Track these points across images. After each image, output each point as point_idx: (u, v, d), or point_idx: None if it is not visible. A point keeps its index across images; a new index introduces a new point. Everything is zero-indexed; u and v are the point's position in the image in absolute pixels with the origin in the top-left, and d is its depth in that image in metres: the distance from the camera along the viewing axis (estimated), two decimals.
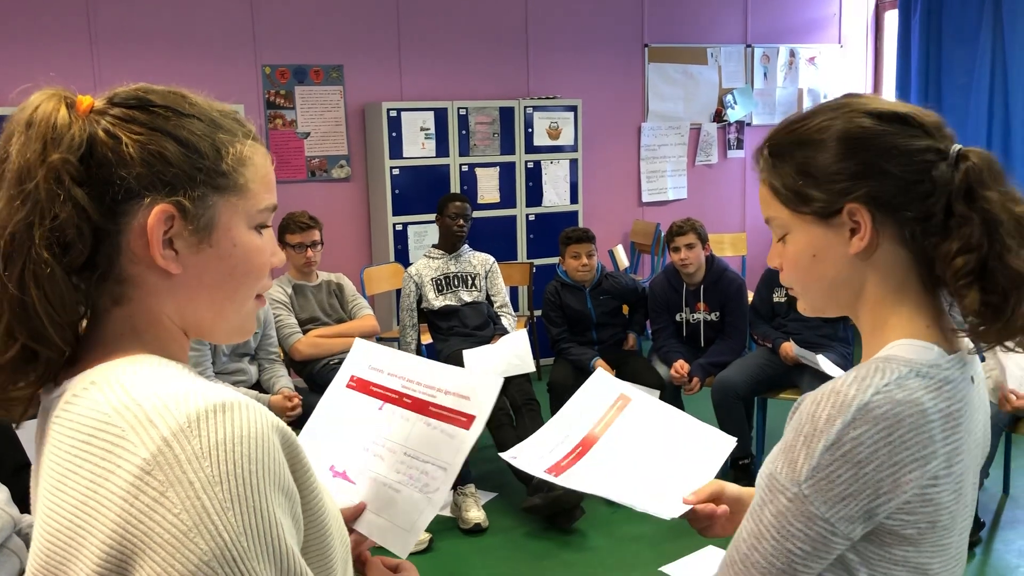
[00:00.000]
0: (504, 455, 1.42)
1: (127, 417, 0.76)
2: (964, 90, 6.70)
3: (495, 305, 4.62)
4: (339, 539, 0.89)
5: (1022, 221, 1.02)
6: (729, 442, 1.50)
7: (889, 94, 7.42)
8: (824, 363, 3.94)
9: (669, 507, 1.33)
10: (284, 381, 3.89)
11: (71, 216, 0.79)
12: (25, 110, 0.84)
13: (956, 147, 1.05)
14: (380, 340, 4.65)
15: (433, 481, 1.26)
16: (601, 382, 1.57)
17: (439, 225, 4.60)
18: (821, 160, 1.06)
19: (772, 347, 4.27)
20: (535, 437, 1.46)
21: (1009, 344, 1.04)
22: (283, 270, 4.19)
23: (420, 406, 1.32)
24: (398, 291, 5.47)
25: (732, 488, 1.35)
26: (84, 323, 0.87)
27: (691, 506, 1.32)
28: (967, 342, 1.08)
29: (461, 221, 4.51)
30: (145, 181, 0.83)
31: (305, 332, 4.11)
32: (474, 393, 1.29)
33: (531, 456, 1.42)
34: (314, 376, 4.05)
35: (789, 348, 4.15)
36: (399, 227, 5.84)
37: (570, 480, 1.39)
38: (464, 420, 1.28)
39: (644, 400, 1.56)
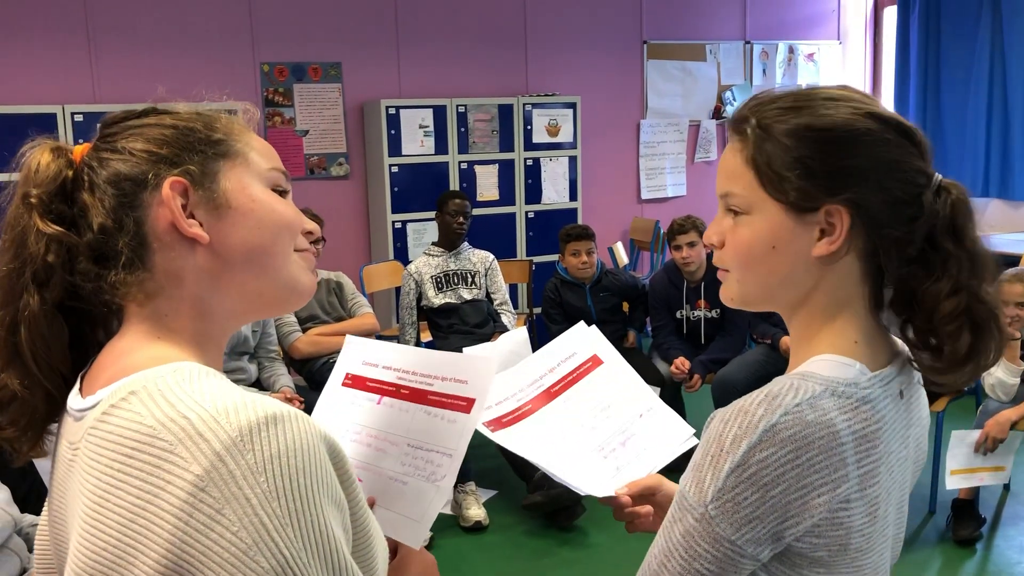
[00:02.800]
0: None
1: (175, 431, 0.73)
2: (963, 86, 6.69)
3: (495, 303, 4.62)
4: (380, 547, 0.89)
5: (990, 259, 0.99)
6: (690, 437, 1.43)
7: (888, 90, 7.42)
8: None
9: (598, 486, 1.29)
10: (284, 380, 3.89)
11: (40, 245, 0.83)
12: (21, 167, 0.88)
13: (938, 177, 1.00)
14: (380, 338, 4.65)
15: (439, 469, 1.24)
16: (579, 337, 1.51)
17: (439, 223, 4.60)
18: (813, 149, 0.97)
19: (771, 343, 4.27)
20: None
21: (965, 384, 1.01)
22: None
23: (418, 395, 1.30)
24: (397, 289, 5.46)
25: (670, 486, 1.29)
26: (113, 324, 0.89)
27: (615, 494, 1.28)
28: (900, 351, 1.05)
29: (461, 219, 4.50)
30: (147, 166, 0.85)
31: (304, 330, 4.10)
32: (471, 376, 1.26)
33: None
34: (314, 374, 4.05)
35: (788, 342, 4.15)
36: (398, 225, 5.83)
37: (503, 438, 1.36)
38: (464, 404, 1.25)
39: (616, 367, 1.50)
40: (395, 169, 5.77)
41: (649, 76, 6.83)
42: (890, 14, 7.38)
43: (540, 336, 4.90)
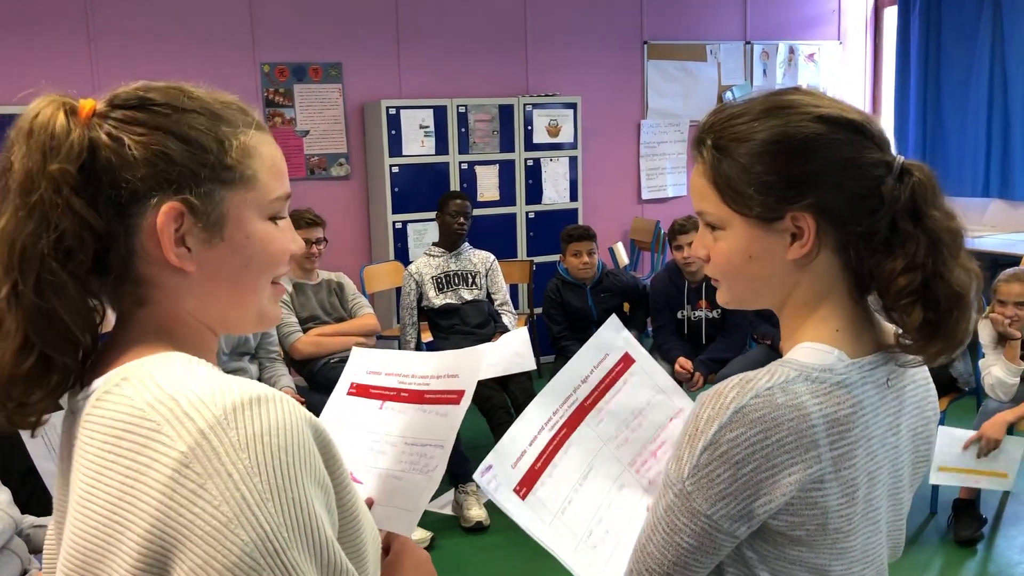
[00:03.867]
0: (476, 476, 1.33)
1: (162, 411, 0.75)
2: (963, 86, 6.69)
3: (495, 303, 4.62)
4: (370, 532, 0.89)
5: (958, 237, 1.02)
6: None
7: (888, 90, 7.42)
8: None
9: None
10: (285, 380, 3.89)
11: (72, 226, 0.79)
12: (25, 119, 0.83)
13: (900, 159, 1.03)
14: (380, 339, 4.65)
15: (431, 460, 1.29)
16: (610, 336, 1.52)
17: (439, 223, 4.59)
18: (767, 163, 1.01)
19: (772, 344, 4.27)
20: (518, 427, 1.38)
21: (943, 359, 1.03)
22: None
23: (416, 397, 1.36)
24: (398, 289, 5.46)
25: None
26: (107, 325, 0.87)
27: None
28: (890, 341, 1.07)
29: (462, 219, 4.50)
30: (150, 182, 0.82)
31: (305, 331, 4.10)
32: (460, 369, 1.33)
33: (506, 457, 1.34)
34: (315, 375, 4.05)
35: None
36: (399, 225, 5.83)
37: (527, 516, 1.35)
38: (455, 396, 1.31)
39: (647, 366, 1.51)
40: (395, 169, 5.76)
41: (649, 76, 6.83)
42: (890, 14, 7.38)
43: (540, 336, 4.90)
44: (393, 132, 5.73)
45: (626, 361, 1.53)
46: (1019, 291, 3.65)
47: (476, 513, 3.83)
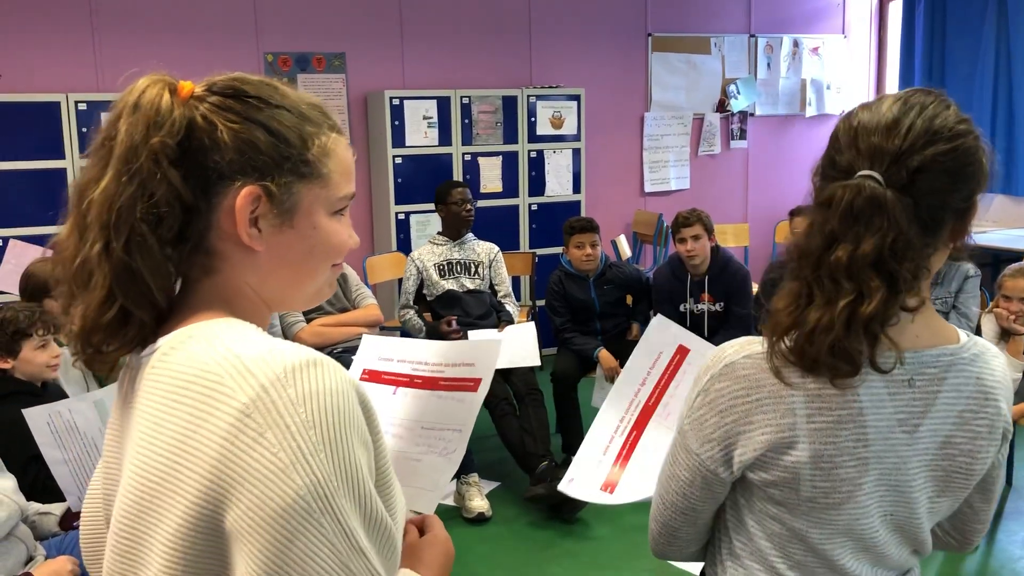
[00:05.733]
0: (561, 487, 1.58)
1: (225, 366, 0.82)
2: (968, 81, 6.68)
3: (498, 294, 4.62)
4: (399, 497, 0.95)
5: None
6: None
7: (892, 85, 7.40)
8: None
9: None
10: None
11: (165, 194, 0.87)
12: (132, 93, 0.90)
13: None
14: (383, 329, 4.65)
15: (450, 443, 1.37)
16: (660, 333, 1.67)
17: (442, 214, 4.57)
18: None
19: None
20: (589, 440, 1.57)
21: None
22: None
23: (430, 383, 1.43)
24: (400, 280, 5.46)
25: None
26: (176, 290, 0.95)
27: None
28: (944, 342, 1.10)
29: (468, 206, 4.49)
30: (236, 166, 0.90)
31: (308, 321, 4.10)
32: (477, 358, 1.40)
33: (585, 469, 1.52)
34: None
35: None
36: (401, 216, 5.82)
37: (625, 495, 1.52)
38: (471, 384, 1.39)
39: (702, 351, 1.64)
40: (399, 160, 5.76)
41: (653, 69, 6.81)
42: (895, 8, 7.37)
43: (543, 327, 4.90)
44: (396, 123, 5.72)
45: (681, 352, 1.66)
46: (1023, 287, 3.65)
47: (478, 504, 3.84)
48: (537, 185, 6.18)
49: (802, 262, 1.05)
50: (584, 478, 1.54)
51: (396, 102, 5.70)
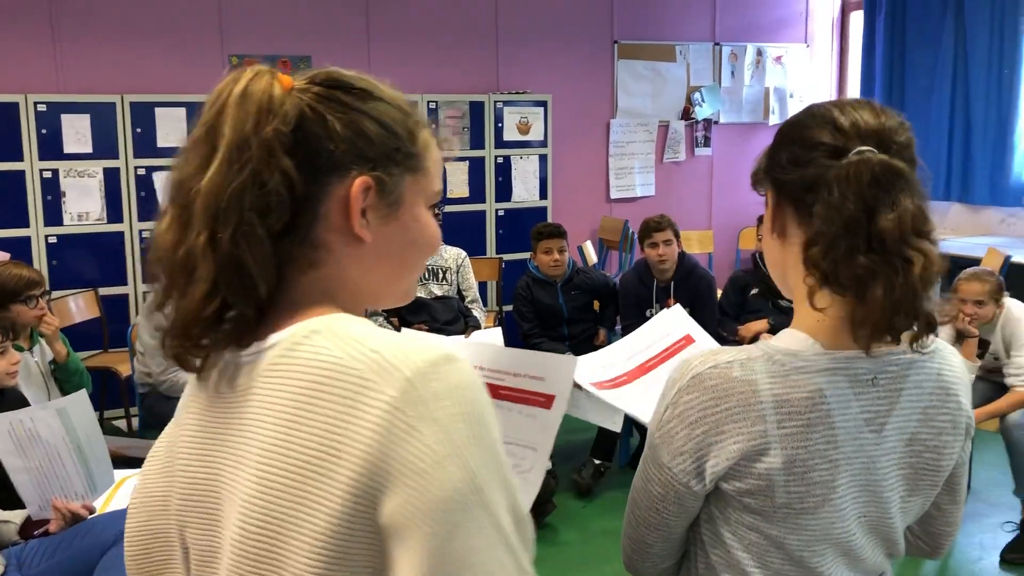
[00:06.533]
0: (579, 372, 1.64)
1: (366, 362, 0.80)
2: (927, 91, 6.80)
3: (466, 300, 4.61)
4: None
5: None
6: None
7: (854, 93, 7.52)
8: None
9: None
10: None
11: (277, 184, 0.85)
12: (238, 84, 0.88)
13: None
14: None
15: (523, 462, 1.25)
16: (672, 319, 1.67)
17: None
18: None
19: (738, 342, 4.31)
20: (596, 355, 1.63)
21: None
22: None
23: (490, 390, 1.34)
24: None
25: None
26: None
27: None
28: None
29: (437, 211, 4.47)
30: (349, 156, 0.88)
31: None
32: (549, 373, 1.28)
33: (585, 369, 1.59)
34: None
35: (743, 332, 4.28)
36: None
37: (611, 396, 1.58)
38: (543, 400, 1.28)
39: (708, 346, 1.67)
40: None
41: (619, 76, 6.85)
42: (857, 18, 7.49)
43: (510, 333, 4.90)
44: None
45: (687, 340, 1.67)
46: (979, 290, 3.72)
47: None
48: (504, 191, 6.19)
49: (853, 235, 1.02)
50: (583, 370, 1.59)
51: None
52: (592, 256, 6.36)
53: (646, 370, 1.56)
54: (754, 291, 4.44)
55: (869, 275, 1.01)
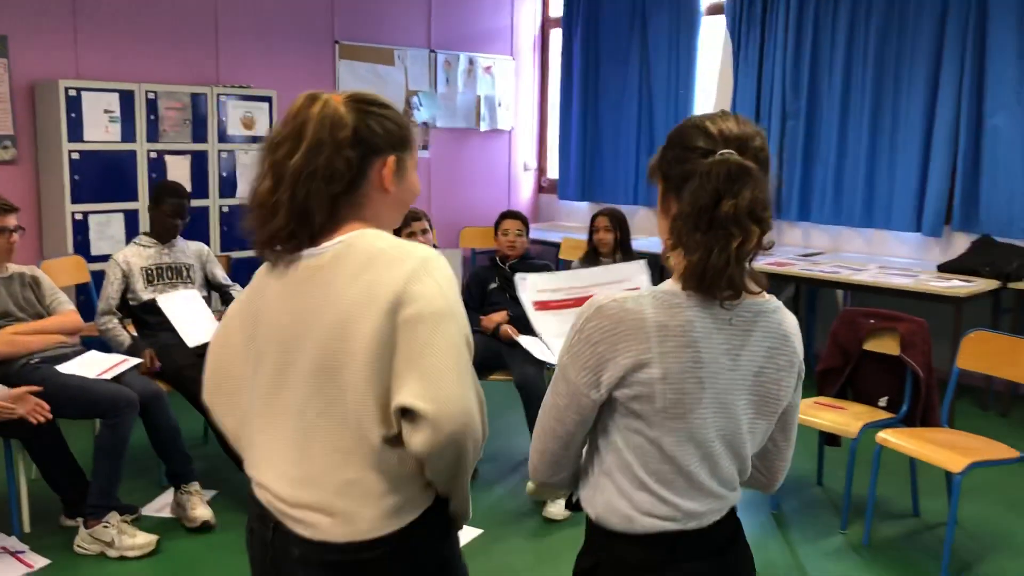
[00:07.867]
0: (517, 276, 2.27)
1: (397, 249, 1.45)
2: (617, 105, 7.58)
3: (225, 286, 4.46)
4: None
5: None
6: None
7: (554, 104, 8.17)
8: (530, 343, 4.27)
9: None
10: None
11: (342, 165, 1.47)
12: (315, 107, 1.47)
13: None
14: (82, 338, 4.27)
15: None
16: (635, 270, 2.10)
17: (152, 214, 4.30)
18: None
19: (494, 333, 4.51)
20: (550, 276, 2.24)
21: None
22: None
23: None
24: (81, 285, 5.05)
25: None
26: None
27: None
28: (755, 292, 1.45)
29: (178, 220, 4.24)
30: (384, 144, 1.51)
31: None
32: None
33: (535, 285, 2.13)
34: (11, 377, 3.61)
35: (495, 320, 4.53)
36: (79, 216, 5.37)
37: (537, 318, 2.11)
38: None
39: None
40: (76, 156, 5.32)
41: (341, 75, 6.91)
42: (556, 35, 8.13)
43: None
44: (73, 115, 5.28)
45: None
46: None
47: (201, 512, 3.71)
48: (228, 186, 6.02)
49: (699, 217, 1.34)
50: (532, 287, 2.11)
51: (73, 93, 5.27)
52: None
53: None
54: (493, 285, 4.73)
55: (697, 246, 1.35)
